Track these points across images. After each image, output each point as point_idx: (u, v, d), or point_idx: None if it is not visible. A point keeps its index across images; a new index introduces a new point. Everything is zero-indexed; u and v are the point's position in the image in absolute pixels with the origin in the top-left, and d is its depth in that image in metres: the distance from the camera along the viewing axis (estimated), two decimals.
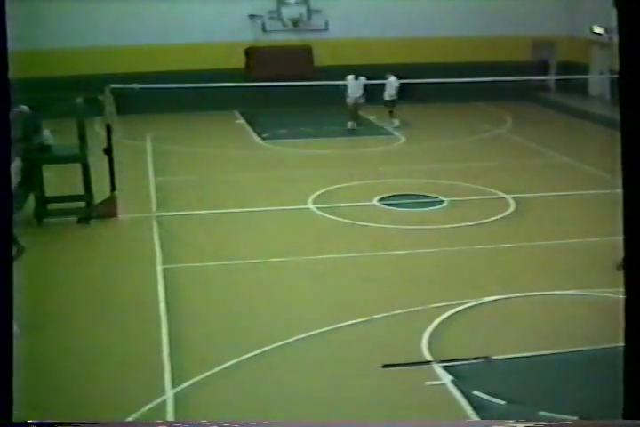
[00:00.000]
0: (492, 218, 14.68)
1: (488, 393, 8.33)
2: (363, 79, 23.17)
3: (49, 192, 14.88)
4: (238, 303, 11.07)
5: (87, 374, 9.03)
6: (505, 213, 14.97)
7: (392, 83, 23.54)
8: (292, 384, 8.79)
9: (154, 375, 8.85)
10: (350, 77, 23.19)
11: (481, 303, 10.75)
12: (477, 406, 8.10)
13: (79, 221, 14.63)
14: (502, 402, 8.16)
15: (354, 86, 23.25)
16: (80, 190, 14.85)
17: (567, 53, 28.08)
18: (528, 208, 15.34)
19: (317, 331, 9.91)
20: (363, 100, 23.46)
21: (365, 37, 26.87)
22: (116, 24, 25.51)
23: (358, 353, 9.46)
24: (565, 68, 27.44)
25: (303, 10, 27.25)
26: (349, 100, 23.41)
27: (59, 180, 15.38)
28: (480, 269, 12.25)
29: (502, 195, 16.15)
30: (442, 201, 15.82)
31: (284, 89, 22.52)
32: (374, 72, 23.76)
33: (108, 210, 14.80)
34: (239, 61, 26.75)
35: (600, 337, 9.16)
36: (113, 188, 15.03)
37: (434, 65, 26.04)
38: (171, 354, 9.35)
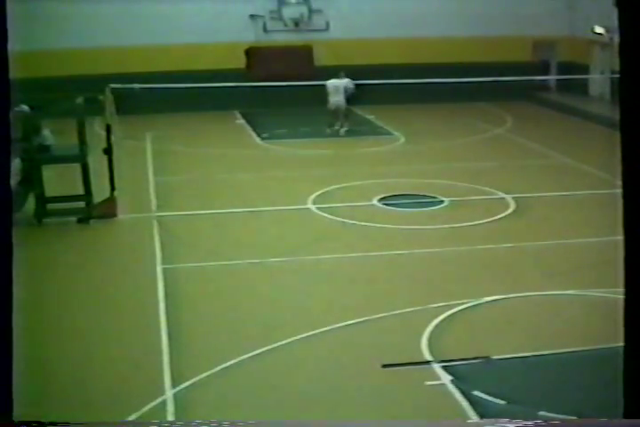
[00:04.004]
0: (492, 218, 14.68)
1: (488, 393, 8.33)
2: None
3: (49, 192, 14.87)
4: (238, 303, 11.07)
5: (87, 374, 9.03)
6: (505, 213, 14.97)
7: (340, 85, 22.35)
8: (292, 384, 8.79)
9: (154, 375, 8.85)
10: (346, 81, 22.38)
11: (481, 303, 10.75)
12: (477, 406, 8.10)
13: (79, 221, 14.63)
14: (502, 402, 8.16)
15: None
16: (80, 190, 14.85)
17: (568, 53, 28.09)
18: (528, 208, 15.34)
19: (317, 331, 9.91)
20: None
21: (366, 37, 26.87)
22: (116, 24, 25.51)
23: (358, 353, 9.46)
24: (566, 68, 27.44)
25: (304, 10, 27.25)
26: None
27: (59, 180, 15.39)
28: (480, 269, 12.24)
29: (502, 195, 16.15)
30: (442, 201, 15.81)
31: (284, 89, 22.53)
32: (374, 72, 23.78)
33: (107, 210, 14.80)
34: (239, 61, 26.75)
35: (600, 337, 9.17)
36: (113, 188, 15.03)
37: (434, 65, 26.04)
38: (170, 354, 9.35)
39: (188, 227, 14.58)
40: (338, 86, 22.36)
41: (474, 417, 7.89)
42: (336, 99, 22.37)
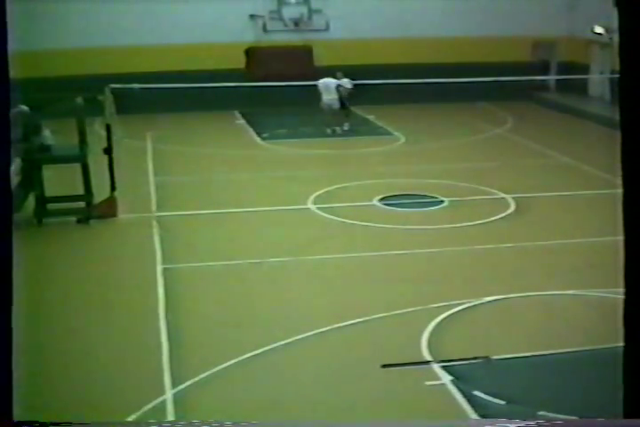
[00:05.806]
0: (492, 218, 14.68)
1: (488, 393, 8.33)
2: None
3: (49, 192, 14.87)
4: (238, 303, 11.07)
5: (87, 374, 9.03)
6: (505, 214, 14.97)
7: (332, 84, 22.62)
8: (292, 384, 8.79)
9: (153, 375, 8.85)
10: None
11: (481, 303, 10.75)
12: (477, 406, 8.10)
13: (79, 221, 14.62)
14: (502, 402, 8.16)
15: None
16: (80, 190, 14.85)
17: (567, 53, 28.09)
18: (528, 208, 15.34)
19: (317, 331, 9.91)
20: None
21: (366, 37, 26.87)
22: (116, 24, 25.50)
23: (358, 353, 9.46)
24: (565, 68, 27.45)
25: (304, 10, 27.24)
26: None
27: (59, 180, 15.38)
28: (480, 269, 12.24)
29: (502, 195, 16.15)
30: (442, 201, 15.81)
31: (284, 89, 22.51)
32: (374, 72, 23.77)
33: (107, 210, 14.80)
34: (239, 61, 26.74)
35: (600, 337, 9.17)
36: (113, 188, 15.02)
37: (434, 65, 26.04)
38: (170, 354, 9.35)
39: (188, 227, 14.58)
40: (329, 85, 22.45)
41: (474, 417, 7.89)
42: (328, 97, 22.44)
